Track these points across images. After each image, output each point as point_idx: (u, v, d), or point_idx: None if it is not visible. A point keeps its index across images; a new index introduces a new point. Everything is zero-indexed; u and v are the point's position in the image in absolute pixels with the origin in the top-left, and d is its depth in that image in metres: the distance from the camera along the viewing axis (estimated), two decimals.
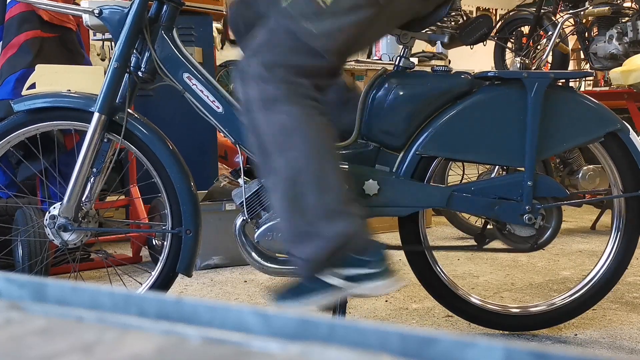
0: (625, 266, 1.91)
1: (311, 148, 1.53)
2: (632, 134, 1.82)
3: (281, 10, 1.55)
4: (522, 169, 1.76)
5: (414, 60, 5.27)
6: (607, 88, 4.96)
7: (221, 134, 1.82)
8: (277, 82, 1.51)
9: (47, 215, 1.78)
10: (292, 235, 1.56)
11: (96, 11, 1.78)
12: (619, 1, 4.20)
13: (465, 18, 1.80)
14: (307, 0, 1.54)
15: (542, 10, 4.36)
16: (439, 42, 1.85)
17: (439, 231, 3.77)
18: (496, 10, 9.97)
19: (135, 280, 2.22)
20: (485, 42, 1.86)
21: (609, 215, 1.98)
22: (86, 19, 2.04)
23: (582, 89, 6.09)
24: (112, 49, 1.90)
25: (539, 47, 4.16)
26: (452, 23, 1.78)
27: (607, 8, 3.80)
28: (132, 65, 1.77)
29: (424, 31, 1.77)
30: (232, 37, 8.74)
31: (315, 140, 1.54)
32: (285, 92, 1.52)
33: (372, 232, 1.60)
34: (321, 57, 1.54)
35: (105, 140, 1.80)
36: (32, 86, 2.35)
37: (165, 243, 1.86)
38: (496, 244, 1.86)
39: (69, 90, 1.86)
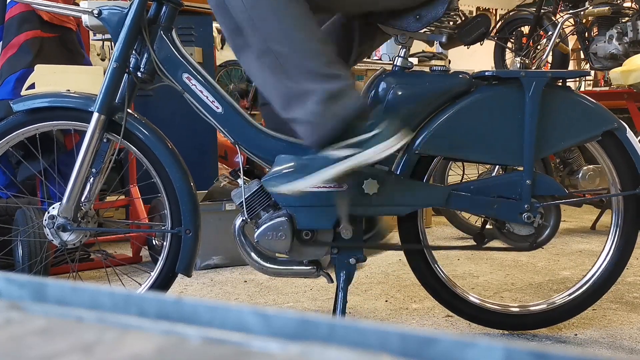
0: (624, 265, 1.91)
1: (285, 17, 1.54)
2: (629, 133, 1.82)
3: None
4: (521, 168, 1.76)
5: (414, 60, 5.28)
6: (607, 88, 4.96)
7: (221, 134, 1.82)
8: None
9: (46, 216, 1.78)
10: (284, 100, 1.56)
11: (95, 12, 1.78)
12: (619, 1, 4.20)
13: (463, 18, 1.80)
14: None
15: (542, 10, 4.36)
16: (438, 42, 1.85)
17: (438, 231, 3.77)
18: (496, 10, 9.98)
19: (135, 281, 2.22)
20: (482, 42, 1.86)
21: (609, 215, 1.98)
22: (85, 19, 2.04)
23: (582, 88, 6.09)
24: (112, 49, 1.90)
25: (539, 47, 4.16)
26: (450, 23, 1.78)
27: (607, 8, 3.80)
28: (131, 65, 1.77)
29: (422, 31, 1.77)
30: None
31: (288, 8, 1.54)
32: None
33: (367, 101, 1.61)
34: None
35: (104, 140, 1.80)
36: (32, 86, 2.35)
37: (164, 243, 1.86)
38: (495, 243, 1.87)
39: (68, 90, 1.86)
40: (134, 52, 1.77)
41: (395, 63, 1.79)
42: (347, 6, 1.77)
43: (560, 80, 1.81)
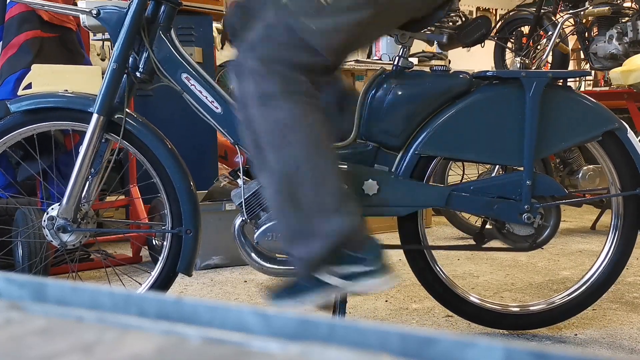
0: (623, 265, 1.91)
1: (307, 144, 1.52)
2: (630, 133, 1.82)
3: (281, 6, 1.55)
4: (521, 168, 1.76)
5: (414, 60, 5.27)
6: (607, 88, 4.96)
7: (221, 134, 1.82)
8: (273, 77, 1.50)
9: (45, 216, 1.78)
10: (288, 233, 1.56)
11: (94, 12, 1.77)
12: (619, 1, 4.20)
13: (463, 19, 1.80)
14: None
15: (542, 10, 4.36)
16: (438, 43, 1.85)
17: (438, 231, 3.77)
18: (496, 10, 9.97)
19: (135, 281, 2.22)
20: (483, 44, 1.86)
21: (609, 215, 1.98)
22: (84, 19, 2.04)
23: (582, 88, 6.09)
24: (112, 49, 1.90)
25: (539, 47, 4.16)
26: (451, 24, 1.78)
27: (607, 8, 3.80)
28: (130, 65, 1.77)
29: (422, 31, 1.77)
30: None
31: (311, 136, 1.53)
32: (281, 87, 1.50)
33: (368, 230, 1.60)
34: (319, 54, 1.54)
35: (103, 140, 1.80)
36: (29, 86, 2.35)
37: (165, 243, 1.86)
38: (495, 243, 1.87)
39: (66, 90, 1.85)
40: (132, 52, 1.77)
41: (395, 63, 1.79)
42: (373, 39, 1.78)
43: (561, 80, 1.81)
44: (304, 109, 1.52)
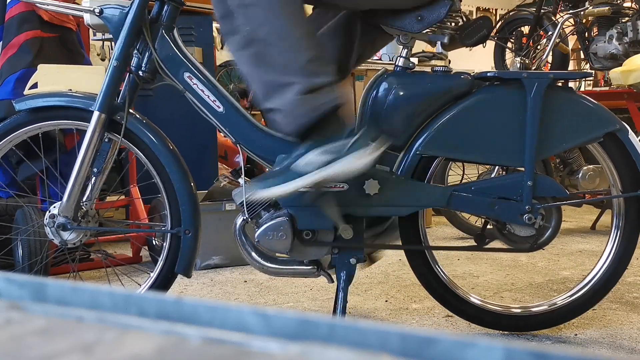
0: (625, 266, 1.91)
1: (275, 6, 1.56)
2: (631, 135, 1.82)
3: None
4: (522, 169, 1.76)
5: (414, 60, 5.27)
6: (607, 88, 4.96)
7: (221, 133, 1.82)
8: None
9: (46, 215, 1.78)
10: (265, 89, 1.59)
11: (97, 10, 1.77)
12: (619, 1, 4.20)
13: (465, 19, 1.80)
14: None
15: (542, 10, 4.36)
16: (438, 42, 1.85)
17: (439, 231, 3.77)
18: (496, 10, 9.97)
19: (134, 281, 2.22)
20: (485, 44, 1.86)
21: (609, 215, 1.98)
22: (87, 18, 2.04)
23: (582, 89, 6.09)
24: (112, 49, 1.90)
25: (539, 47, 4.16)
26: (452, 24, 1.78)
27: (607, 8, 3.80)
28: (133, 65, 1.77)
29: (424, 32, 1.77)
30: None
31: (286, 3, 1.57)
32: None
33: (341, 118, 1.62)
34: None
35: (105, 139, 1.80)
36: (35, 86, 2.35)
37: (164, 243, 1.86)
38: (496, 243, 1.87)
39: (71, 90, 1.86)
40: (135, 51, 1.77)
41: (396, 63, 1.79)
42: (347, 1, 1.78)
43: (562, 81, 1.81)
44: None
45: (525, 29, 4.63)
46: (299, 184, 1.56)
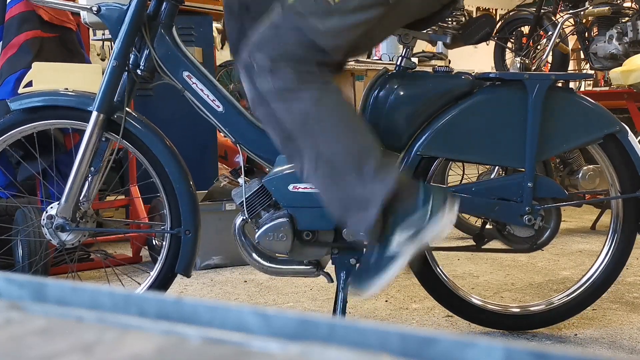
0: (622, 266, 1.91)
1: (336, 126, 1.55)
2: (631, 136, 1.82)
3: (288, 6, 1.55)
4: (522, 169, 1.76)
5: (414, 60, 5.27)
6: (607, 88, 4.96)
7: (221, 133, 1.81)
8: (287, 71, 1.52)
9: (44, 215, 1.78)
10: (340, 209, 1.58)
11: (95, 8, 1.77)
12: (619, 1, 4.20)
13: (467, 18, 1.80)
14: None
15: (542, 10, 4.36)
16: (439, 42, 1.85)
17: None
18: (496, 10, 9.97)
19: (134, 281, 2.22)
20: (488, 42, 1.86)
21: (609, 215, 1.98)
22: (84, 16, 2.04)
23: (582, 89, 6.09)
24: (112, 49, 1.89)
25: (539, 47, 4.16)
26: (454, 23, 1.78)
27: (607, 8, 3.80)
28: (131, 63, 1.76)
29: (425, 31, 1.77)
30: None
31: (341, 117, 1.56)
32: (296, 79, 1.52)
33: (412, 180, 1.62)
34: (327, 54, 1.54)
35: (103, 139, 1.79)
36: (29, 84, 2.34)
37: (164, 243, 1.85)
38: (495, 244, 1.87)
39: (66, 89, 1.85)
40: (133, 49, 1.76)
41: (397, 63, 1.79)
42: (380, 39, 1.77)
43: (562, 82, 1.81)
44: (322, 93, 1.54)
45: (525, 29, 4.63)
46: (398, 267, 1.56)
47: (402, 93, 1.73)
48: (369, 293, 1.59)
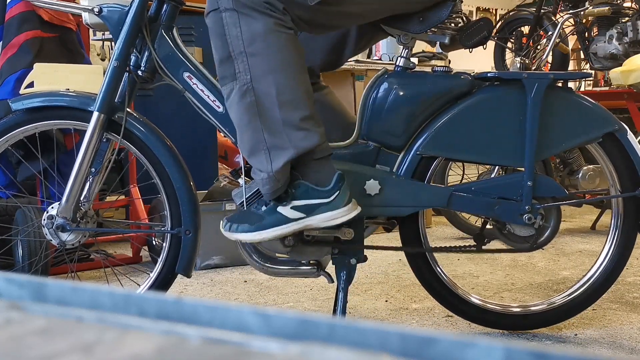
0: (623, 265, 1.91)
1: (278, 59, 1.54)
2: (630, 135, 1.82)
3: None
4: (522, 169, 1.76)
5: (414, 60, 5.27)
6: (607, 88, 4.96)
7: (221, 133, 1.82)
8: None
9: (45, 216, 1.78)
10: (252, 146, 1.57)
11: (96, 9, 1.77)
12: (619, 1, 4.20)
13: (465, 20, 1.80)
14: None
15: (542, 10, 4.36)
16: (438, 42, 1.85)
17: (439, 231, 3.77)
18: (496, 10, 9.97)
19: (134, 282, 2.22)
20: (485, 46, 1.87)
21: (609, 215, 1.98)
22: (86, 17, 2.04)
23: (582, 89, 6.09)
24: (112, 49, 1.89)
25: (539, 47, 4.16)
26: (453, 25, 1.78)
27: (607, 8, 3.80)
28: (131, 64, 1.77)
29: (425, 32, 1.77)
30: None
31: (288, 57, 1.55)
32: (260, 4, 1.53)
33: (331, 163, 1.62)
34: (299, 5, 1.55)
35: (104, 139, 1.80)
36: (31, 85, 2.35)
37: (164, 243, 1.85)
38: (496, 244, 1.86)
39: (68, 89, 1.85)
40: (134, 50, 1.76)
41: (397, 63, 1.79)
42: (351, 21, 1.77)
43: (562, 81, 1.81)
44: (279, 27, 1.54)
45: (525, 29, 4.63)
46: (273, 234, 1.58)
47: (401, 93, 1.73)
48: (233, 237, 1.62)
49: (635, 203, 1.86)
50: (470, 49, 1.86)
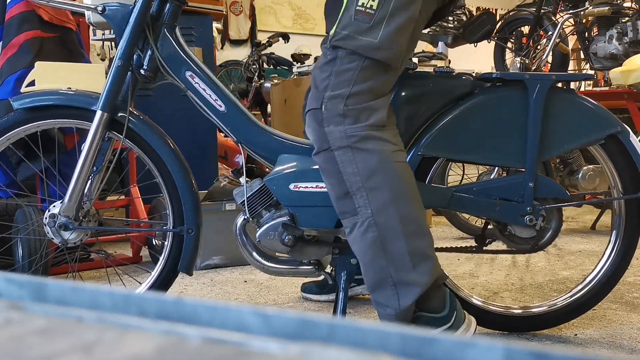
0: (625, 267, 1.91)
1: (398, 190, 1.51)
2: (632, 137, 1.82)
3: (333, 38, 1.51)
4: (523, 170, 1.76)
5: (414, 60, 5.27)
6: (607, 88, 4.96)
7: (221, 133, 1.82)
8: (355, 119, 1.50)
9: (47, 214, 1.78)
10: (377, 280, 1.54)
11: (99, 8, 1.77)
12: (619, 1, 4.20)
13: (468, 16, 1.80)
14: (353, 14, 1.49)
15: (542, 10, 4.36)
16: (440, 42, 1.84)
17: (439, 231, 3.77)
18: (496, 10, 9.97)
19: (135, 280, 2.22)
20: (490, 40, 1.86)
21: (609, 215, 1.98)
22: (89, 16, 2.04)
23: (582, 89, 6.09)
24: (112, 49, 1.90)
25: (539, 47, 4.16)
26: (455, 22, 1.78)
27: (607, 8, 3.80)
28: (134, 63, 1.77)
29: (426, 31, 1.76)
30: (232, 37, 8.71)
31: (401, 180, 1.52)
32: (368, 131, 1.50)
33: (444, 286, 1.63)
34: (388, 67, 1.51)
35: (106, 139, 1.80)
36: (32, 83, 2.35)
37: (166, 242, 1.86)
38: (496, 245, 1.86)
39: (69, 88, 1.85)
40: (137, 49, 1.77)
41: None
42: (419, 37, 1.72)
43: (564, 82, 1.81)
44: (394, 156, 1.52)
45: (525, 29, 4.63)
46: None
47: (403, 94, 1.73)
48: None
49: (637, 205, 1.86)
50: (475, 44, 1.85)
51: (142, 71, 1.76)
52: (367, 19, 1.48)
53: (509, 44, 4.79)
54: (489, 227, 1.87)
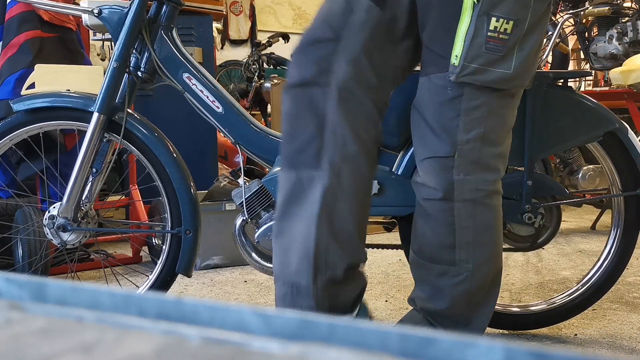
0: (624, 265, 1.91)
1: (498, 244, 1.53)
2: (631, 134, 1.82)
3: (458, 73, 1.35)
4: (522, 168, 1.76)
5: None
6: (607, 88, 4.96)
7: (221, 133, 1.82)
8: (488, 168, 1.44)
9: (46, 215, 1.78)
10: (466, 322, 1.56)
11: (95, 11, 1.78)
12: (619, 1, 4.20)
13: None
14: (484, 42, 1.32)
15: None
16: None
17: None
18: None
19: (133, 283, 2.22)
20: None
21: (609, 215, 1.98)
22: (85, 18, 2.04)
23: (582, 88, 6.09)
24: (112, 49, 1.90)
25: None
26: None
27: (607, 8, 3.80)
28: (131, 65, 1.77)
29: None
30: (232, 37, 8.71)
31: (500, 234, 1.54)
32: (496, 186, 1.48)
33: None
34: (515, 95, 1.45)
35: (105, 140, 1.80)
36: (32, 86, 2.35)
37: (164, 244, 1.86)
38: None
39: (69, 90, 1.86)
40: (134, 51, 1.77)
41: None
42: None
43: (562, 80, 1.81)
44: (500, 208, 1.52)
45: None
46: None
47: (401, 92, 1.73)
48: None
49: (636, 202, 1.86)
50: None
51: (139, 73, 1.77)
52: (499, 46, 1.32)
53: None
54: None
